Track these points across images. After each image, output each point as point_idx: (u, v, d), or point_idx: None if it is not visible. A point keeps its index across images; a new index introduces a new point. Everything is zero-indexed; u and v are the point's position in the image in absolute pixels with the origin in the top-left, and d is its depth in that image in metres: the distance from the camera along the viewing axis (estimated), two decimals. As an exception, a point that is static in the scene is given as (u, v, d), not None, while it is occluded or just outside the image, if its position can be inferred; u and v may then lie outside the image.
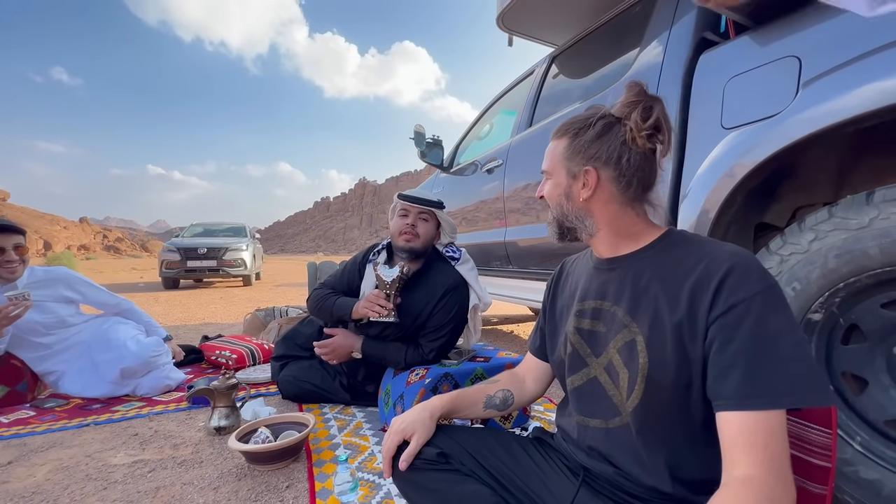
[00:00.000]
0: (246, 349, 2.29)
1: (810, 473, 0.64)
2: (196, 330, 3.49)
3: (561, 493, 0.74)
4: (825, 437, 0.63)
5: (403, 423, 0.79)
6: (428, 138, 3.05)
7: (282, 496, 1.07)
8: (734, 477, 0.52)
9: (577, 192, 0.73)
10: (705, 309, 0.59)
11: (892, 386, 0.87)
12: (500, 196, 2.33)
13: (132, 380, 1.83)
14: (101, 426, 1.53)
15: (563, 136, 0.75)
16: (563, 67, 2.17)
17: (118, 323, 1.95)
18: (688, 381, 0.61)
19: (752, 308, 0.56)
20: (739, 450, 0.52)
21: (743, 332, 0.55)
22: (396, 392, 1.43)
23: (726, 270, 0.59)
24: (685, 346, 0.60)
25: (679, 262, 0.65)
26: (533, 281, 2.10)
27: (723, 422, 0.55)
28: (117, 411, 1.67)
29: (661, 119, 0.67)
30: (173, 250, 7.22)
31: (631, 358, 0.66)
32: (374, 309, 1.48)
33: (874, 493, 0.85)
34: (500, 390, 0.89)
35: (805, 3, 1.01)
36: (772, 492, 0.50)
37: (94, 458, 1.29)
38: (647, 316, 0.65)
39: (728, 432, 0.54)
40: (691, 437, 0.63)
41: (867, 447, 0.88)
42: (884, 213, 0.81)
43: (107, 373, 1.78)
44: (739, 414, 0.53)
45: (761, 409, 0.53)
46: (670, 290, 0.63)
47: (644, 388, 0.64)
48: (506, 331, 3.56)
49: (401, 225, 1.57)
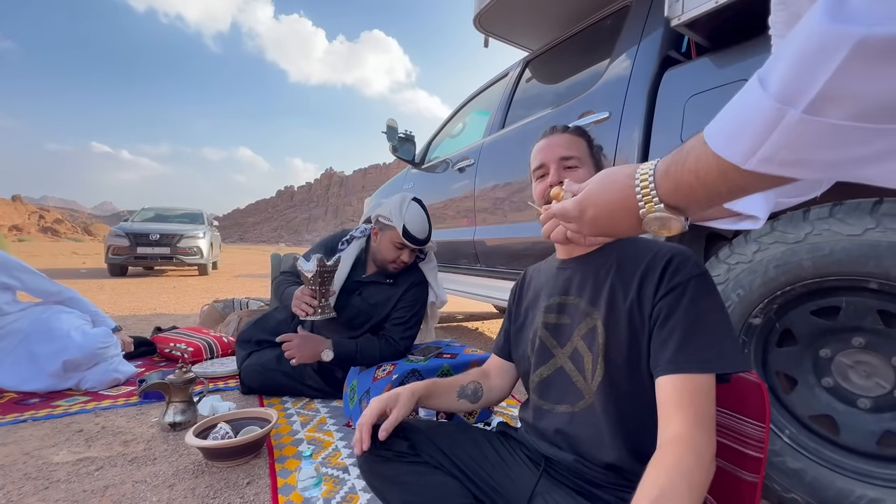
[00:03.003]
0: (203, 342, 2.20)
1: (744, 463, 0.71)
2: (147, 321, 3.30)
3: (523, 482, 0.78)
4: (759, 430, 0.70)
5: (385, 398, 0.81)
6: (400, 133, 3.03)
7: (242, 493, 1.05)
8: (666, 437, 0.59)
9: None
10: (651, 291, 0.68)
11: (817, 385, 0.97)
12: (470, 195, 2.36)
13: (76, 373, 1.71)
14: (40, 422, 1.43)
15: (581, 136, 0.86)
16: (536, 72, 2.23)
17: (61, 312, 1.81)
18: (638, 356, 0.69)
19: (687, 289, 0.65)
20: (672, 408, 0.60)
21: (680, 310, 0.64)
22: (363, 388, 1.43)
23: (668, 259, 0.69)
24: (636, 325, 0.69)
25: (632, 256, 0.74)
26: (500, 280, 2.15)
27: (660, 385, 0.63)
28: (58, 406, 1.57)
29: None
30: (122, 235, 6.76)
31: (592, 341, 0.73)
32: (300, 307, 1.42)
33: (798, 480, 0.94)
34: (471, 382, 0.93)
35: (760, 31, 1.10)
36: (697, 445, 0.57)
37: (33, 456, 1.21)
38: (605, 303, 0.73)
39: (663, 393, 0.62)
40: (645, 412, 0.69)
41: (794, 440, 0.98)
42: (817, 229, 0.91)
43: (47, 365, 1.65)
44: (673, 377, 0.61)
45: (691, 373, 0.60)
46: (624, 279, 0.72)
47: (605, 368, 0.71)
48: (471, 328, 3.62)
49: (395, 256, 1.63)
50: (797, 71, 0.28)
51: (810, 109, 0.28)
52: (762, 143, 0.31)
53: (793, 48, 0.28)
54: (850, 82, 0.26)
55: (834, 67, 0.26)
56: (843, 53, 0.25)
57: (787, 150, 0.30)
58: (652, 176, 0.43)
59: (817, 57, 0.26)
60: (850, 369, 0.93)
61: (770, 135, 0.30)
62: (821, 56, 0.26)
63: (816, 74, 0.27)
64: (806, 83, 0.27)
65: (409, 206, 1.61)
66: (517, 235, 1.95)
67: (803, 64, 0.27)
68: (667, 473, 0.54)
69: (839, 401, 0.95)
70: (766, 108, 0.30)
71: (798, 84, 0.28)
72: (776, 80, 0.29)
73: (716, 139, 0.35)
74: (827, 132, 0.28)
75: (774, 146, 0.30)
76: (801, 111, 0.28)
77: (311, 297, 1.43)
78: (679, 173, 0.40)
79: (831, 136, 0.28)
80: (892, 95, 0.25)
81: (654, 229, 0.45)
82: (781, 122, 0.29)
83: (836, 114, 0.27)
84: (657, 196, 0.43)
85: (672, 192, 0.42)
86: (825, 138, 0.28)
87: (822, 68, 0.26)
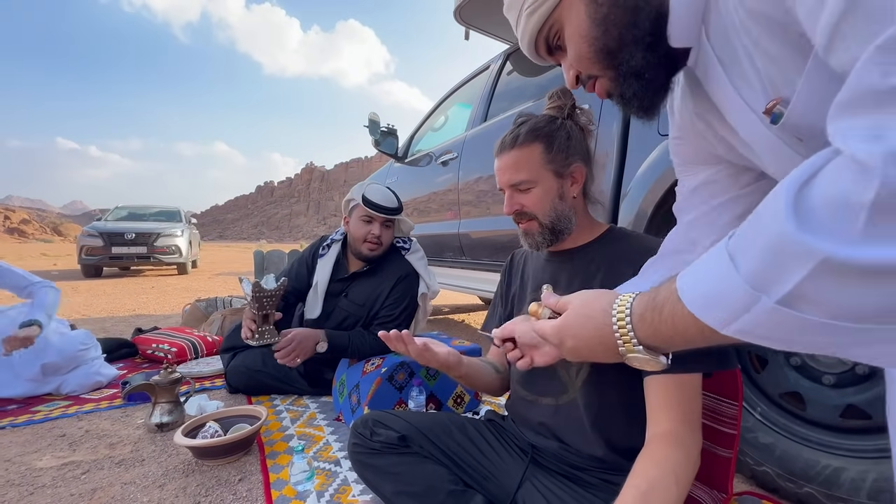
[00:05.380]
0: (187, 342, 2.16)
1: (720, 440, 0.75)
2: (126, 322, 3.22)
3: (512, 468, 0.80)
4: (733, 408, 0.75)
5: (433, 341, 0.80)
6: (382, 127, 3.02)
7: (234, 489, 1.06)
8: (655, 433, 0.62)
9: (568, 191, 0.78)
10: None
11: (785, 364, 1.03)
12: (454, 188, 2.37)
13: (56, 377, 1.67)
14: (20, 428, 1.40)
15: (533, 142, 0.77)
16: (517, 65, 2.24)
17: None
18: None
19: None
20: (660, 406, 0.63)
21: None
22: (352, 382, 1.44)
23: None
24: None
25: (622, 253, 0.75)
26: (485, 272, 2.18)
27: (648, 385, 0.65)
28: (38, 412, 1.53)
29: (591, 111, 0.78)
30: (95, 235, 6.54)
31: None
32: (244, 332, 1.37)
33: (769, 453, 1.00)
34: (488, 360, 0.93)
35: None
36: (683, 440, 0.60)
37: (15, 463, 1.18)
38: None
39: (652, 393, 0.64)
40: (626, 410, 0.72)
41: (765, 416, 1.04)
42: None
43: (24, 369, 1.61)
44: (661, 377, 0.63)
45: (677, 373, 0.63)
46: (614, 275, 0.72)
47: (591, 365, 0.73)
48: (457, 320, 3.65)
49: (364, 233, 1.58)
50: (769, 264, 0.28)
51: (783, 302, 0.27)
52: (738, 318, 0.31)
53: (762, 238, 0.28)
54: (819, 291, 0.26)
55: (803, 275, 0.26)
56: (811, 266, 0.25)
57: (764, 329, 0.30)
58: (629, 317, 0.43)
59: (787, 260, 0.26)
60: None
61: (744, 314, 0.30)
62: (790, 260, 0.26)
63: (786, 275, 0.27)
64: (777, 279, 0.27)
65: (369, 183, 1.65)
66: (501, 228, 1.97)
67: (774, 260, 0.27)
68: (655, 467, 0.57)
69: (806, 378, 1.00)
70: (740, 290, 0.29)
71: (770, 277, 0.28)
72: (748, 265, 0.29)
73: (693, 302, 0.34)
74: (804, 324, 0.27)
75: (751, 323, 0.30)
76: (775, 302, 0.28)
77: (251, 321, 1.37)
78: (656, 322, 0.40)
79: (808, 326, 0.27)
80: (863, 307, 0.25)
81: (637, 366, 0.45)
82: (755, 306, 0.29)
83: (810, 311, 0.27)
84: (635, 339, 0.43)
85: (650, 337, 0.42)
86: (802, 327, 0.28)
87: (793, 271, 0.26)
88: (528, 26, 0.52)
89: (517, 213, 0.79)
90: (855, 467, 0.88)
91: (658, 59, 0.46)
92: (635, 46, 0.45)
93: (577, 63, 0.51)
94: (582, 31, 0.48)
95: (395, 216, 1.61)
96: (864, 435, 0.91)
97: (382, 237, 1.60)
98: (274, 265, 4.33)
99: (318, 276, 1.67)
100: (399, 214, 1.62)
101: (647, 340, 0.42)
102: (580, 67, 0.51)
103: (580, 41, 0.48)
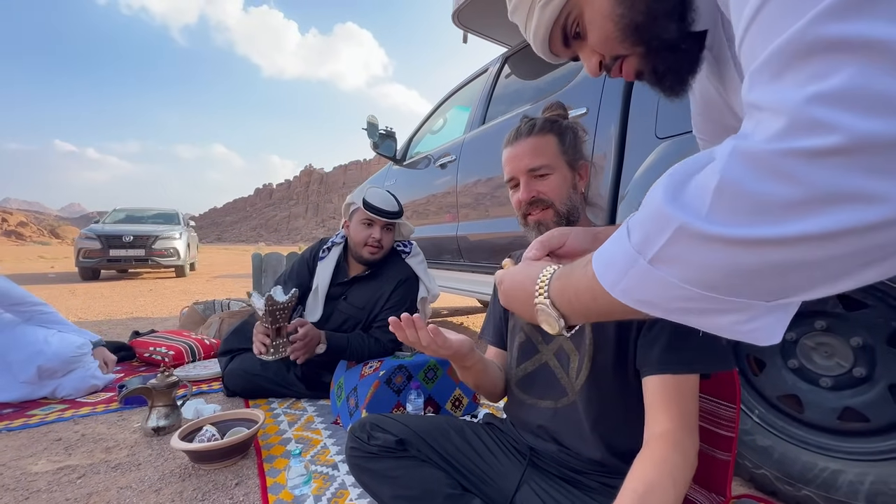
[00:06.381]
0: (184, 345, 2.16)
1: (718, 443, 0.75)
2: (123, 325, 3.21)
3: (510, 471, 0.80)
4: (731, 411, 0.75)
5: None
6: (381, 130, 3.02)
7: (231, 493, 1.05)
8: (653, 434, 0.62)
9: (579, 185, 0.80)
10: None
11: (783, 367, 1.03)
12: (452, 191, 2.37)
13: (51, 380, 1.66)
14: (15, 432, 1.39)
15: (548, 133, 0.79)
16: (515, 68, 2.25)
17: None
18: (624, 358, 0.70)
19: None
20: (658, 407, 0.63)
21: None
22: (350, 385, 1.43)
23: None
24: (623, 327, 0.70)
25: None
26: (483, 274, 2.18)
27: (647, 385, 0.65)
28: (34, 416, 1.52)
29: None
30: (93, 237, 6.52)
31: (580, 342, 0.74)
32: (256, 346, 1.38)
33: (767, 456, 1.00)
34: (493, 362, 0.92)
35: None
36: (681, 441, 0.60)
37: (10, 467, 1.17)
38: None
39: (650, 392, 0.64)
40: (626, 412, 0.72)
41: (763, 419, 1.04)
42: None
43: (20, 372, 1.60)
44: (659, 377, 0.64)
45: (677, 373, 0.63)
46: None
47: (590, 368, 0.72)
48: (456, 322, 3.64)
49: (365, 236, 1.59)
50: (646, 230, 0.34)
51: (652, 263, 0.33)
52: (623, 278, 0.36)
53: (647, 209, 0.34)
54: (676, 253, 0.32)
55: (665, 238, 0.32)
56: (670, 232, 0.31)
57: (638, 290, 0.35)
58: (552, 274, 0.48)
59: (655, 226, 0.33)
60: (813, 351, 0.99)
61: (628, 272, 0.35)
62: (658, 226, 0.32)
63: (655, 239, 0.33)
64: (651, 242, 0.33)
65: (369, 187, 1.64)
66: (499, 230, 1.97)
67: (649, 227, 0.33)
68: (653, 469, 0.57)
69: (803, 381, 1.00)
70: (628, 253, 0.35)
71: (647, 241, 0.34)
72: (635, 230, 0.35)
73: (598, 268, 0.39)
74: (666, 285, 0.33)
75: (631, 283, 0.36)
76: (647, 262, 0.34)
77: (264, 336, 1.38)
78: (565, 284, 0.45)
79: (670, 289, 0.33)
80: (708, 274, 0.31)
81: (540, 321, 0.48)
82: (634, 265, 0.35)
83: (670, 273, 0.33)
84: (547, 292, 0.47)
85: (557, 295, 0.46)
86: (665, 289, 0.33)
87: (659, 236, 0.32)
88: (544, 18, 0.52)
89: (533, 200, 0.79)
90: (853, 470, 0.88)
91: (690, 32, 0.46)
92: (667, 18, 0.45)
93: (602, 46, 0.50)
94: (605, 11, 0.47)
95: (395, 220, 1.61)
96: (862, 437, 0.91)
97: (383, 241, 1.61)
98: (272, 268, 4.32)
99: (319, 280, 1.67)
100: (400, 218, 1.63)
101: (554, 297, 0.46)
102: (605, 50, 0.51)
103: (604, 21, 0.48)
